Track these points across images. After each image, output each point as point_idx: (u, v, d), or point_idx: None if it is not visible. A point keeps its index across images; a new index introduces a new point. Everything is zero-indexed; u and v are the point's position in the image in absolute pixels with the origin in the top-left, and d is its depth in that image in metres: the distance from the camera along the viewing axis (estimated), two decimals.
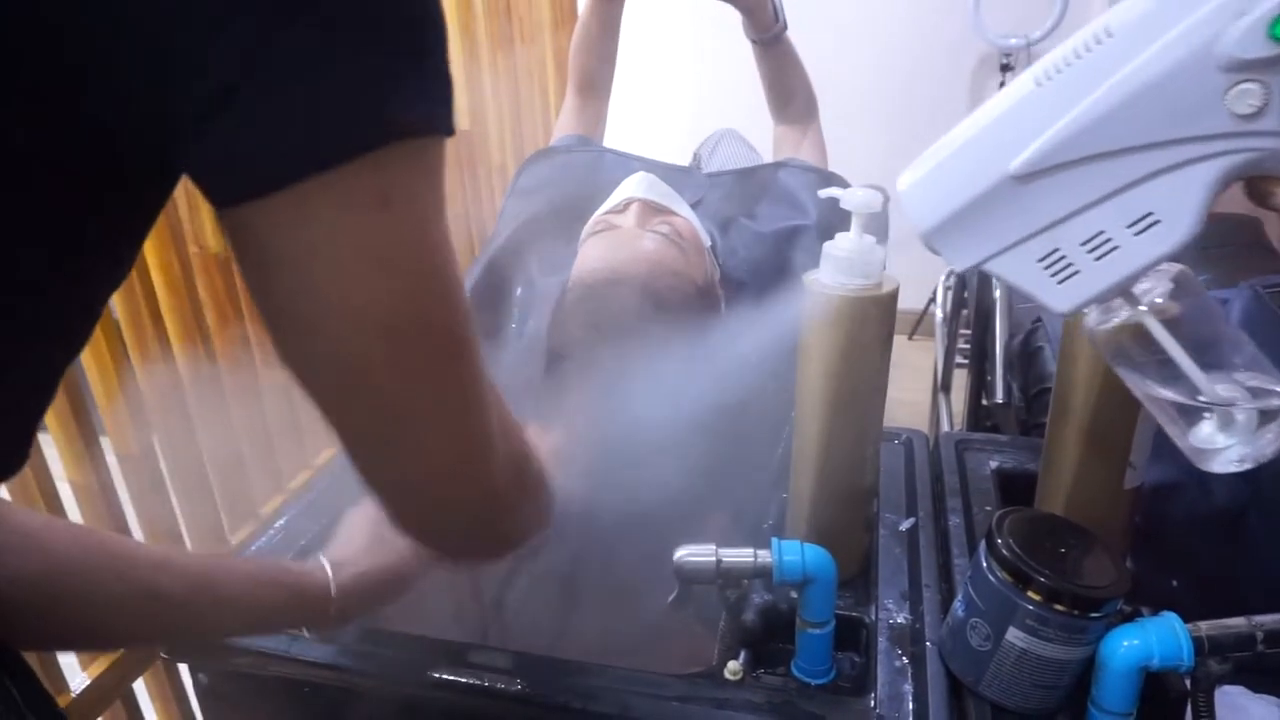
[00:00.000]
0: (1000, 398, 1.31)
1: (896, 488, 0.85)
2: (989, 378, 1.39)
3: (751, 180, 1.13)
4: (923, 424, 2.15)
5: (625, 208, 0.94)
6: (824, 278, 0.65)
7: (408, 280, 0.38)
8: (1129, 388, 0.57)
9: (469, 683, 0.64)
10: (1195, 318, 0.54)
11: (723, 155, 1.39)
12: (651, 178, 0.97)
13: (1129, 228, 0.48)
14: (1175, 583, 0.75)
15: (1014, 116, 0.49)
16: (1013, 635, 0.58)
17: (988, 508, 0.81)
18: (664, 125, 2.56)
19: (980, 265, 0.51)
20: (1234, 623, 0.55)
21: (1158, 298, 0.54)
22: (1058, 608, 0.56)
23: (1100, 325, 0.57)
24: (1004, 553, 0.58)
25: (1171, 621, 0.55)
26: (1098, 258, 0.49)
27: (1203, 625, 0.55)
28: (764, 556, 0.62)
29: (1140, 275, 0.49)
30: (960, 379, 1.82)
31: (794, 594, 0.63)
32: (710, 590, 0.64)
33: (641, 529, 0.77)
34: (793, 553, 0.61)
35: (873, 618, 0.69)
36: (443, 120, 0.37)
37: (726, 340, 0.81)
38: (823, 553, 0.62)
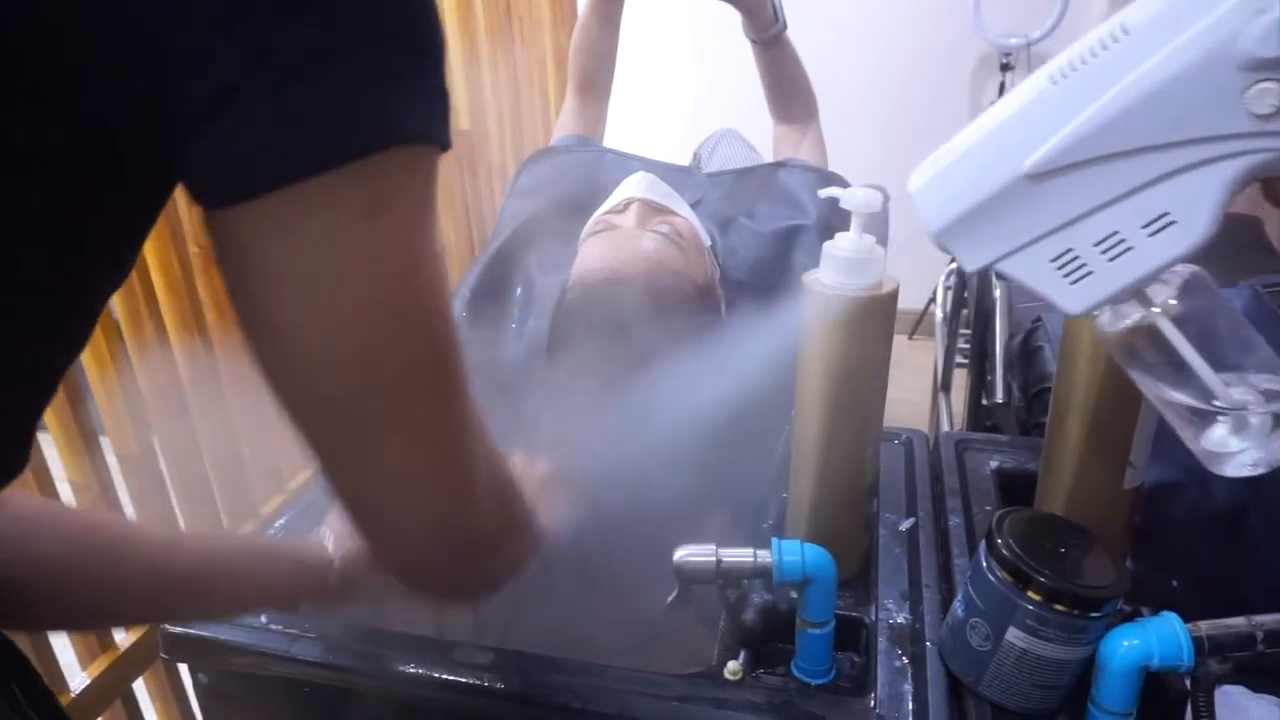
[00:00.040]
0: (1000, 398, 1.31)
1: (896, 488, 0.85)
2: (989, 377, 1.39)
3: (751, 180, 1.13)
4: (923, 424, 2.15)
5: (625, 207, 0.94)
6: (824, 277, 0.65)
7: (390, 296, 0.36)
8: (1141, 390, 0.56)
9: (469, 683, 0.64)
10: (1209, 319, 0.53)
11: (723, 155, 1.39)
12: (651, 178, 0.97)
13: (1144, 228, 0.47)
14: (1175, 583, 0.75)
15: (1027, 115, 0.48)
16: (1013, 635, 0.58)
17: (988, 508, 0.81)
18: (664, 125, 2.56)
19: (992, 265, 0.51)
20: (1234, 623, 0.55)
21: (1171, 299, 0.53)
22: (1058, 608, 0.56)
23: (1112, 326, 0.56)
24: (1004, 553, 0.58)
25: (1171, 621, 0.55)
26: (1111, 258, 0.48)
27: (1203, 625, 0.55)
28: (764, 556, 0.62)
29: (1155, 277, 0.49)
30: (960, 379, 1.82)
31: (794, 594, 0.63)
32: (710, 590, 0.64)
33: (641, 529, 0.77)
34: (793, 553, 0.61)
35: (873, 618, 0.69)
36: (439, 130, 0.36)
37: (726, 340, 0.81)
38: (823, 553, 0.62)
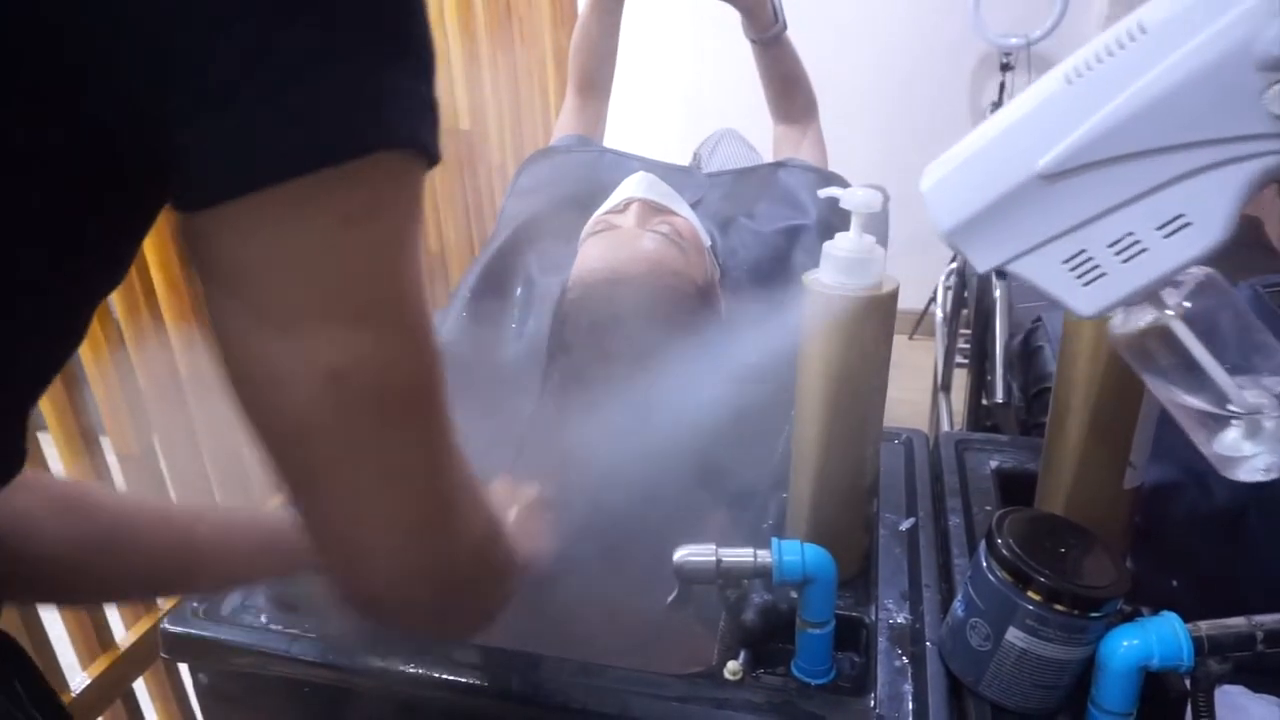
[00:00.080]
0: (1000, 398, 1.31)
1: (896, 488, 0.85)
2: (989, 377, 1.39)
3: (751, 180, 1.13)
4: (923, 424, 2.15)
5: (625, 207, 0.94)
6: (824, 277, 0.65)
7: (368, 308, 0.34)
8: (1154, 393, 0.55)
9: (469, 683, 0.64)
10: (1223, 322, 0.53)
11: (723, 155, 1.39)
12: (651, 178, 0.97)
13: (1158, 230, 0.46)
14: (1175, 583, 0.75)
15: (1042, 114, 0.48)
16: (1013, 635, 0.58)
17: (988, 508, 0.81)
18: (664, 125, 2.56)
19: (1004, 266, 0.50)
20: (1234, 623, 0.54)
21: (1184, 301, 0.53)
22: (1058, 608, 0.56)
23: (1125, 328, 0.55)
24: (1004, 553, 0.58)
25: (1171, 621, 0.55)
26: (1125, 260, 0.48)
27: (1203, 625, 0.55)
28: (764, 556, 0.62)
29: (1169, 279, 0.48)
30: (960, 379, 1.82)
31: (794, 594, 0.63)
32: (710, 590, 0.64)
33: (641, 528, 0.77)
34: (793, 553, 0.61)
35: (873, 618, 0.69)
36: (427, 139, 0.34)
37: (726, 340, 0.81)
38: (823, 553, 0.62)
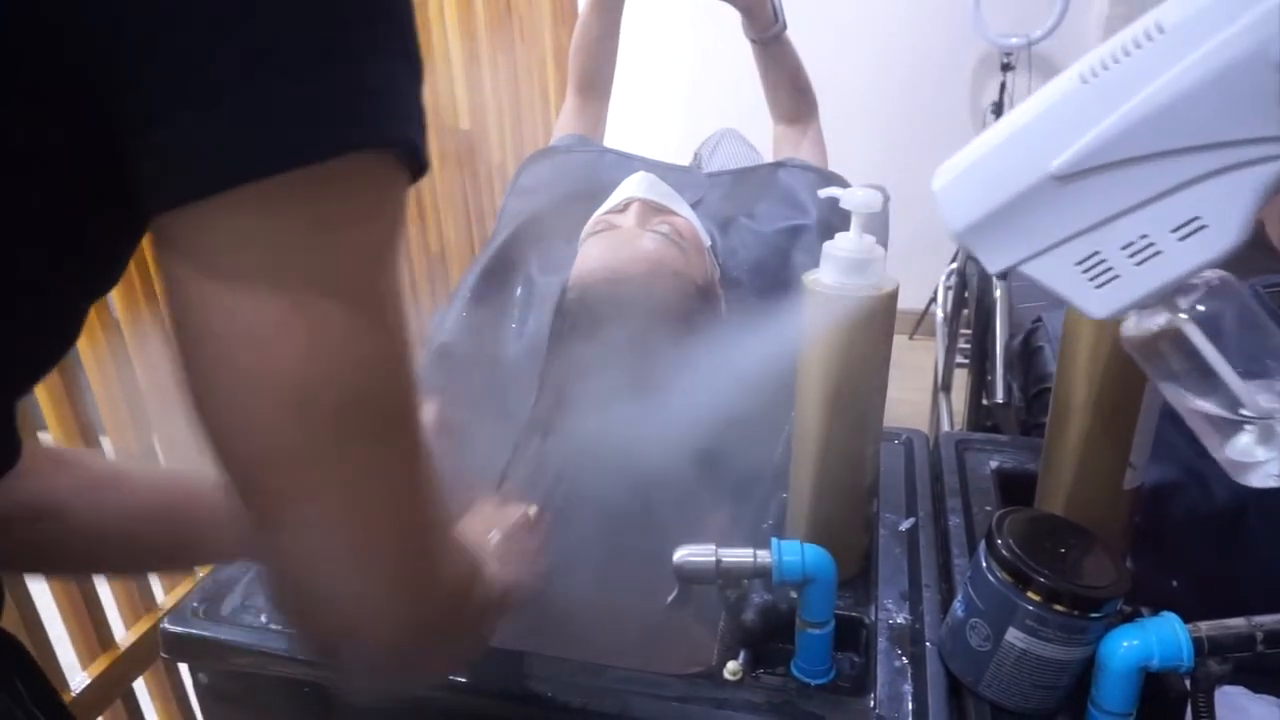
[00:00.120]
0: (1000, 398, 1.31)
1: (896, 488, 0.85)
2: (989, 378, 1.39)
3: (751, 180, 1.13)
4: (923, 424, 2.15)
5: (625, 207, 0.94)
6: (824, 278, 0.65)
7: (337, 319, 0.32)
8: (1166, 396, 0.55)
9: (468, 683, 0.64)
10: (1237, 325, 0.52)
11: (723, 155, 1.39)
12: (652, 177, 0.97)
13: (1173, 232, 0.46)
14: (1175, 583, 0.75)
15: (1056, 114, 0.47)
16: (1012, 635, 0.58)
17: (988, 508, 0.81)
18: (664, 125, 2.56)
19: (1016, 267, 0.50)
20: (1234, 623, 0.54)
21: (1198, 303, 0.52)
22: (1057, 608, 0.56)
23: (1137, 331, 0.55)
24: (1004, 553, 0.58)
25: (1171, 622, 0.55)
26: (1139, 262, 0.47)
27: (1203, 625, 0.55)
28: (764, 556, 0.62)
29: (1183, 282, 0.48)
30: (960, 379, 1.82)
31: (794, 594, 0.63)
32: (710, 590, 0.64)
33: (641, 528, 0.77)
34: (792, 553, 0.61)
35: (872, 618, 0.69)
36: (407, 138, 0.33)
37: (726, 340, 0.81)
38: (823, 553, 0.62)
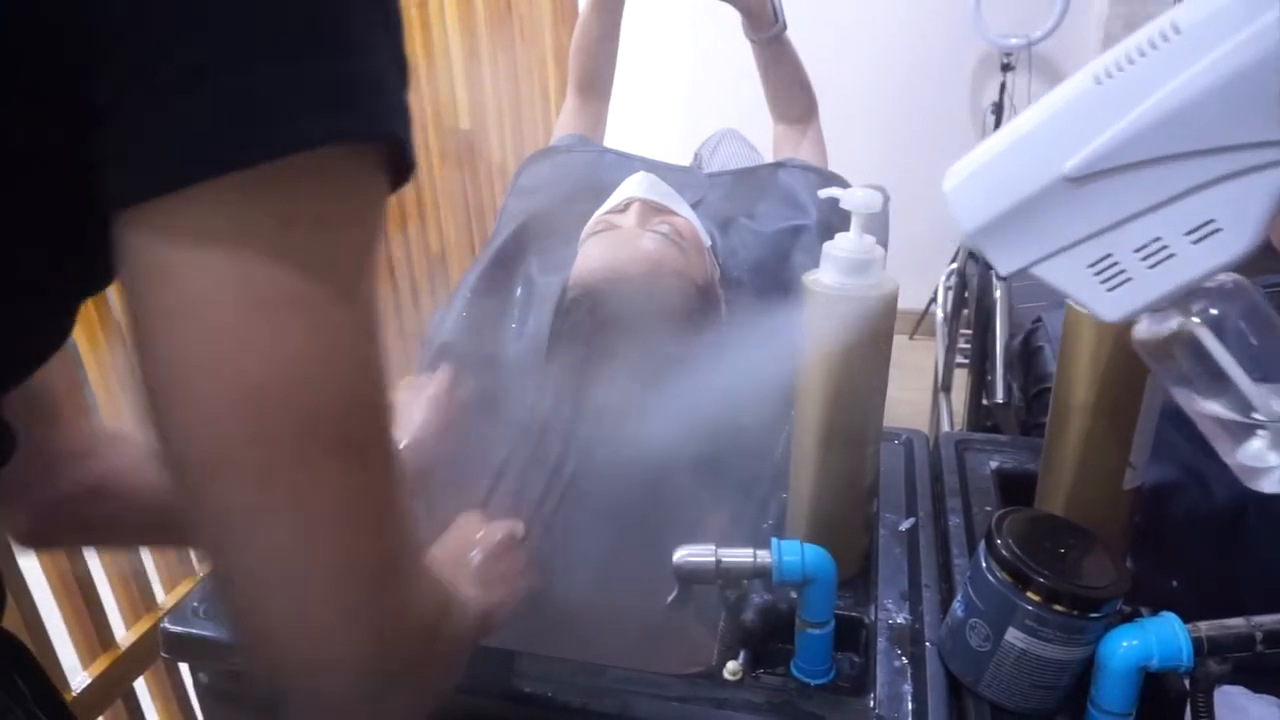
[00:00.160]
0: (1000, 398, 1.31)
1: (896, 488, 0.85)
2: (989, 378, 1.39)
3: (751, 180, 1.13)
4: (923, 424, 2.15)
5: (626, 207, 0.94)
6: (824, 278, 0.65)
7: (301, 325, 0.29)
8: (1177, 400, 0.55)
9: (468, 682, 0.64)
10: (1249, 328, 0.52)
11: (724, 155, 1.39)
12: (652, 177, 0.97)
13: (1187, 235, 0.46)
14: (1175, 583, 0.75)
15: (1070, 115, 0.47)
16: (1012, 635, 0.58)
17: (988, 508, 0.81)
18: (664, 125, 2.56)
19: (1027, 269, 0.49)
20: (1233, 623, 0.54)
21: (1211, 307, 0.52)
22: (1057, 608, 0.56)
23: (1149, 334, 0.54)
24: (1004, 553, 0.58)
25: (1171, 622, 0.55)
26: (1152, 265, 0.47)
27: (1202, 625, 0.55)
28: (764, 556, 0.62)
29: (1196, 285, 0.47)
30: (960, 379, 1.82)
31: (794, 594, 0.63)
32: (710, 590, 0.64)
33: (641, 528, 0.77)
34: (792, 553, 0.61)
35: (872, 618, 0.69)
36: (386, 133, 0.31)
37: (726, 340, 0.81)
38: (822, 553, 0.62)
